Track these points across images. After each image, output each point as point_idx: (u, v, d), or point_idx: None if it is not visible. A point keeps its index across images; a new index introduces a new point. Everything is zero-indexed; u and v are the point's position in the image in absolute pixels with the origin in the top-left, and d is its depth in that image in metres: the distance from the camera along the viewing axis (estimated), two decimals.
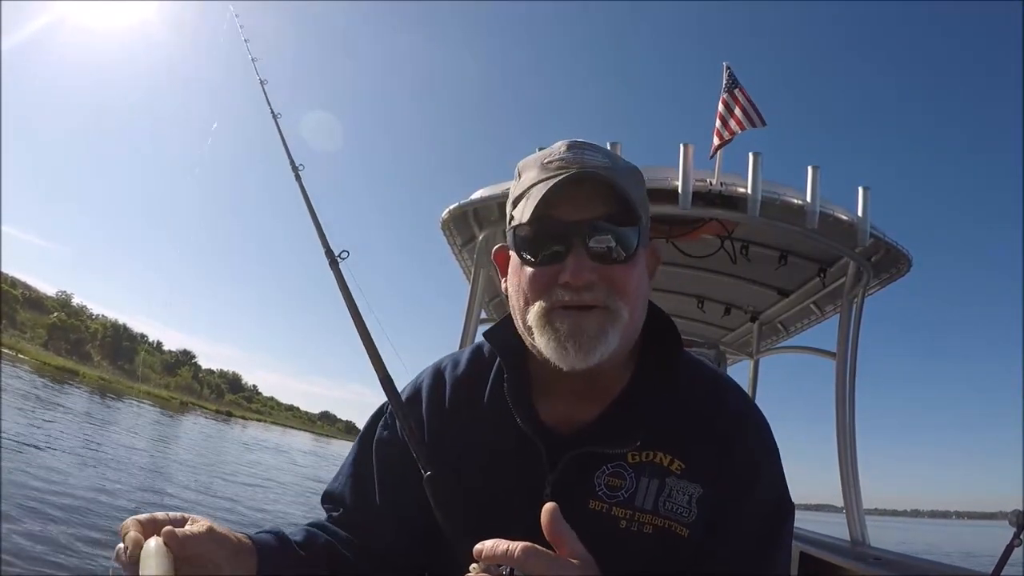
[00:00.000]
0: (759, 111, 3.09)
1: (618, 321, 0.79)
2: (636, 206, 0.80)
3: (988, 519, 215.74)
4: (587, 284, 0.77)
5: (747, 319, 4.80)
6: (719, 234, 3.49)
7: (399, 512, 0.93)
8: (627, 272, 0.80)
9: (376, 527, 0.94)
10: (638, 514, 0.82)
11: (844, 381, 3.68)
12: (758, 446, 0.88)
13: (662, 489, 0.82)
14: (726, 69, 3.16)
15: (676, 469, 0.83)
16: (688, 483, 0.83)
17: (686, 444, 0.84)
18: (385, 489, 0.95)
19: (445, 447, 0.91)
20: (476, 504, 0.85)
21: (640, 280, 0.83)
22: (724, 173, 3.08)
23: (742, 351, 5.29)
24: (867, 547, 3.42)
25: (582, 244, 0.78)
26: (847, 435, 3.62)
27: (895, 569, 2.89)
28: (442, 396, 0.96)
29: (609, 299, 0.79)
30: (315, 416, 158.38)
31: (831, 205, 3.07)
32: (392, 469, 0.95)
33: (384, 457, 0.97)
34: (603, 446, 0.84)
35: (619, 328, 0.79)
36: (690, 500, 0.82)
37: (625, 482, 0.83)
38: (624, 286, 0.79)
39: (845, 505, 3.64)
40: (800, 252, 3.64)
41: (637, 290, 0.81)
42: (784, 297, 4.23)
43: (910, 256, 3.34)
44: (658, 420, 0.85)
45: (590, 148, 0.83)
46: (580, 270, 0.77)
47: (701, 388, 0.89)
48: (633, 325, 0.83)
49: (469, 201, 3.30)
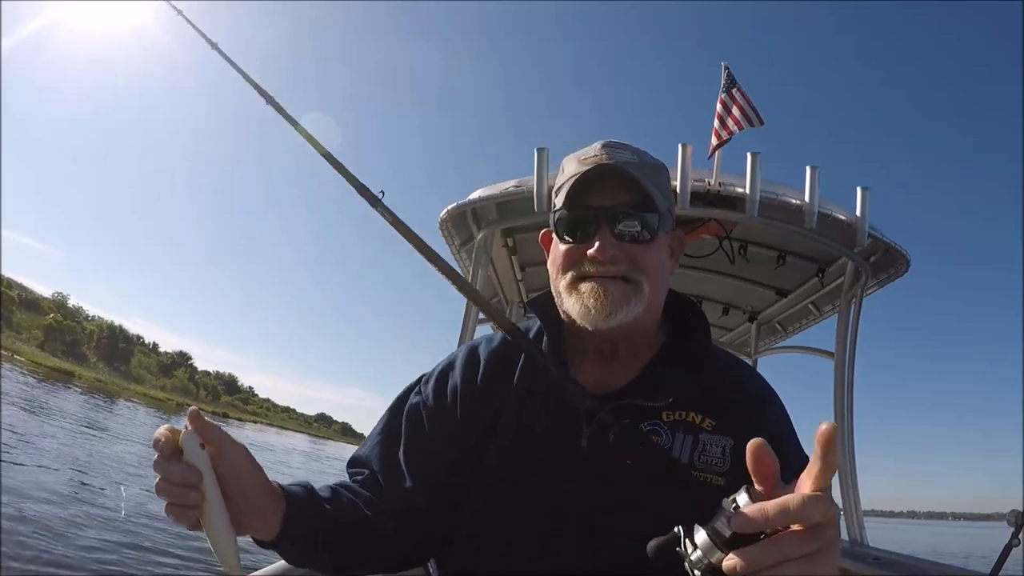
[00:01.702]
0: (757, 110, 3.09)
1: (639, 291, 0.90)
2: (655, 196, 0.91)
3: (984, 520, 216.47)
4: (611, 259, 0.89)
5: (745, 319, 4.79)
6: (717, 234, 3.48)
7: (425, 475, 0.97)
8: (647, 251, 0.91)
9: (401, 489, 0.97)
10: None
11: (843, 381, 3.67)
12: (783, 415, 0.97)
13: (696, 444, 0.89)
14: (724, 69, 3.15)
15: (707, 426, 0.91)
16: (720, 436, 0.90)
17: (715, 405, 0.92)
18: (412, 453, 0.99)
19: (482, 408, 0.97)
20: (512, 459, 0.92)
21: (660, 260, 0.93)
22: (723, 173, 3.07)
23: (740, 351, 5.29)
24: (866, 547, 3.42)
25: (608, 226, 0.90)
26: (846, 435, 3.62)
27: (895, 569, 2.89)
28: (477, 364, 1.02)
29: (631, 272, 0.90)
30: (311, 418, 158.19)
31: (830, 205, 3.06)
32: (420, 434, 1.00)
33: (413, 422, 1.01)
34: (638, 399, 0.91)
35: (640, 297, 0.89)
36: (723, 451, 0.89)
37: (661, 438, 0.90)
38: (644, 262, 0.90)
39: (843, 505, 3.64)
40: (799, 252, 3.64)
41: (657, 267, 0.92)
42: (783, 297, 4.23)
43: (909, 256, 3.34)
44: (687, 386, 0.93)
45: (621, 147, 0.95)
46: (605, 247, 0.89)
47: (725, 365, 1.00)
48: (654, 297, 0.92)
49: (467, 201, 3.29)
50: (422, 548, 1.01)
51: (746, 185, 2.94)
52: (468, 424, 0.98)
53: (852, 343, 3.68)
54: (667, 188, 0.98)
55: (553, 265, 0.97)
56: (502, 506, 0.92)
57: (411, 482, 0.96)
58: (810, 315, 4.29)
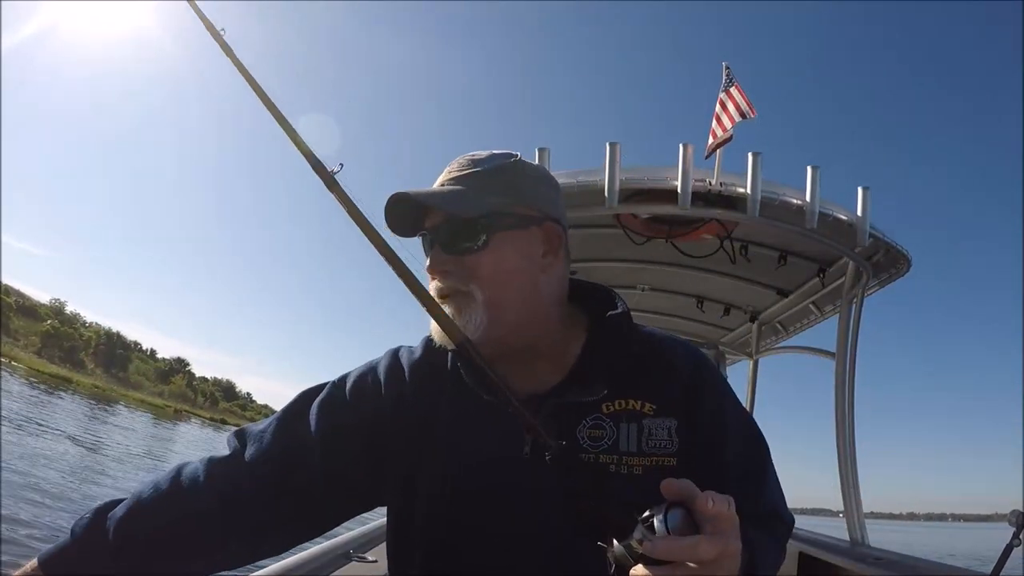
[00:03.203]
0: (749, 102, 3.08)
1: (471, 300, 0.87)
2: (467, 205, 0.89)
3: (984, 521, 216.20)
4: (443, 274, 0.89)
5: (746, 319, 4.80)
6: (718, 234, 3.49)
7: (330, 450, 0.92)
8: (475, 258, 0.88)
9: (292, 450, 0.92)
10: (625, 458, 0.88)
11: (843, 381, 3.68)
12: (719, 384, 0.97)
13: (641, 431, 0.89)
14: (725, 69, 3.16)
15: (648, 411, 0.90)
16: (663, 419, 0.90)
17: (652, 389, 0.92)
18: (318, 431, 0.93)
19: (410, 425, 0.93)
20: (455, 476, 0.89)
21: (500, 262, 0.89)
22: (724, 173, 3.08)
23: (741, 351, 5.30)
24: (867, 547, 3.41)
25: (435, 243, 0.90)
26: (846, 436, 3.62)
27: (895, 569, 2.88)
28: (401, 375, 0.98)
29: (460, 284, 0.88)
30: None
31: (830, 205, 3.07)
32: (329, 420, 0.94)
33: (324, 411, 0.95)
34: (573, 396, 0.90)
35: (474, 306, 0.87)
36: (669, 432, 0.90)
37: (605, 431, 0.89)
38: (475, 271, 0.88)
39: (845, 506, 3.64)
40: (799, 252, 3.65)
41: (495, 271, 0.89)
42: (783, 297, 4.24)
43: (909, 256, 3.35)
44: (620, 373, 0.92)
45: (459, 165, 0.93)
46: (434, 262, 0.89)
47: (654, 344, 0.97)
48: (499, 301, 0.88)
49: None
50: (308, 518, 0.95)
51: (747, 185, 2.95)
52: (388, 429, 0.93)
53: (853, 343, 3.68)
54: (514, 185, 0.93)
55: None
56: (450, 519, 0.90)
57: (306, 451, 0.92)
58: (811, 315, 4.30)
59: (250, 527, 0.91)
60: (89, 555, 0.85)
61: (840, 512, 3.74)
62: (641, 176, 3.04)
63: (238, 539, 0.92)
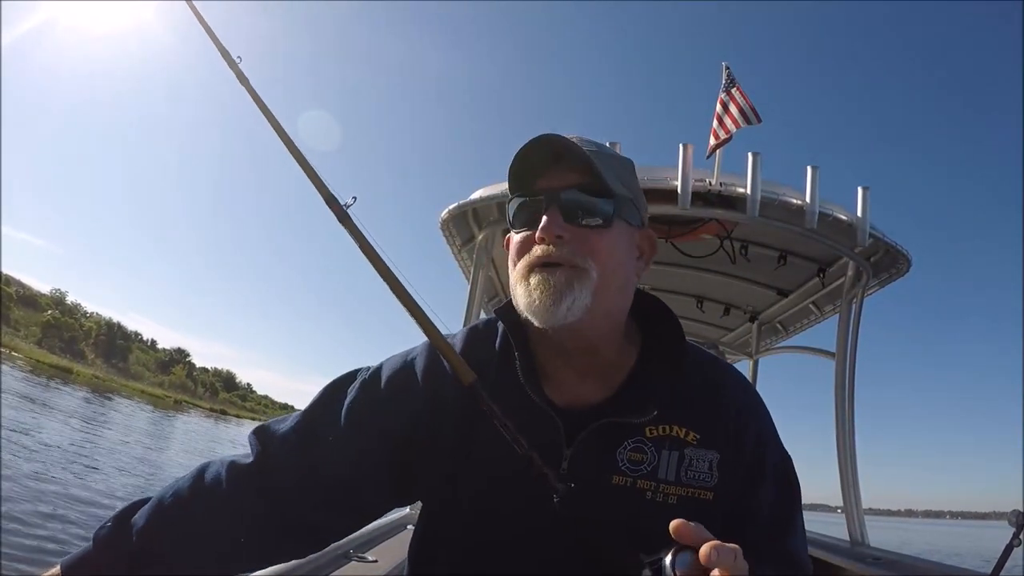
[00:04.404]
0: (755, 108, 3.07)
1: (585, 278, 0.82)
2: (610, 180, 0.84)
3: (982, 519, 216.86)
4: (557, 240, 0.82)
5: (746, 319, 4.79)
6: (718, 234, 3.48)
7: (360, 449, 0.90)
8: (598, 236, 0.84)
9: (319, 454, 0.90)
10: (662, 486, 0.85)
11: (843, 381, 3.67)
12: (766, 424, 0.93)
13: (682, 460, 0.86)
14: (725, 69, 3.15)
15: (692, 440, 0.86)
16: (705, 451, 0.86)
17: (698, 417, 0.88)
18: (344, 432, 0.91)
19: (449, 424, 0.89)
20: (487, 482, 0.86)
21: (615, 249, 0.85)
22: (723, 173, 3.07)
23: (741, 351, 5.30)
24: (867, 547, 3.42)
25: (555, 206, 0.83)
26: (846, 436, 3.62)
27: (895, 569, 2.88)
28: (441, 370, 0.92)
29: (578, 257, 0.82)
30: None
31: (830, 205, 3.06)
32: (358, 421, 0.92)
33: (353, 412, 0.93)
34: (620, 416, 0.85)
35: (587, 284, 0.82)
36: (710, 466, 0.86)
37: (647, 456, 0.85)
38: (593, 247, 0.83)
39: (844, 505, 3.64)
40: (799, 252, 3.64)
41: (610, 256, 0.84)
42: (783, 297, 4.23)
43: (909, 256, 3.34)
44: (668, 396, 0.87)
45: (579, 139, 0.87)
46: (550, 226, 0.82)
47: (704, 368, 0.93)
48: (605, 289, 0.83)
49: (468, 201, 3.28)
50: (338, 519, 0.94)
51: (747, 185, 2.94)
52: (423, 433, 0.90)
53: (853, 343, 3.67)
54: (631, 180, 0.91)
55: (511, 262, 0.89)
56: (479, 526, 0.88)
57: (333, 451, 0.90)
58: (811, 315, 4.29)
59: (274, 533, 0.90)
60: (111, 562, 0.85)
61: (838, 508, 3.75)
62: (641, 176, 3.01)
63: (261, 545, 0.91)
